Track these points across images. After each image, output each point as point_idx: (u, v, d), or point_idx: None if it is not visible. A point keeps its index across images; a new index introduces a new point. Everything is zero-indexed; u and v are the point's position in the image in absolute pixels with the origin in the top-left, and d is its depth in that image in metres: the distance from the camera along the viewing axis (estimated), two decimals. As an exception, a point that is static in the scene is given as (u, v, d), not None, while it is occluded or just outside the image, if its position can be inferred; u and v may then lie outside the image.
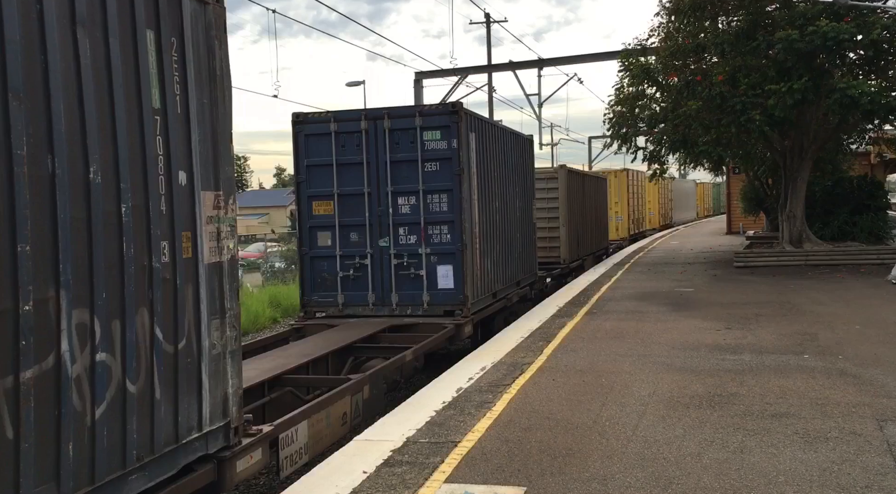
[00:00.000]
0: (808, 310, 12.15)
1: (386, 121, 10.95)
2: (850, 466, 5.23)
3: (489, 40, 35.80)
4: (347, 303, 11.19)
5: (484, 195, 11.90)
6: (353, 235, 11.16)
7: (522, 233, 14.58)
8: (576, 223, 20.75)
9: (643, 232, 37.16)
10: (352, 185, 11.12)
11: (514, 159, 14.02)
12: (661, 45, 19.92)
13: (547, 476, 5.22)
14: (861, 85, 16.53)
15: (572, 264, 20.33)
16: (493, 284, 12.38)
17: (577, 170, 23.01)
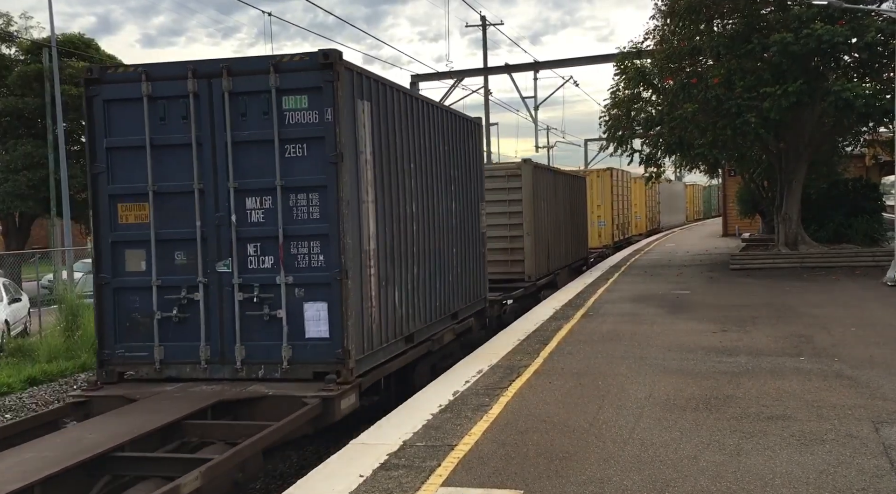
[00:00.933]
0: (803, 312, 12.17)
1: (226, 81, 7.30)
2: (846, 468, 5.24)
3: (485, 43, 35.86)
4: (169, 360, 7.52)
5: (388, 195, 8.31)
6: (179, 255, 7.54)
7: (462, 248, 11.08)
8: (545, 230, 17.16)
9: (629, 238, 33.40)
10: (176, 179, 7.48)
11: (447, 146, 10.44)
12: (656, 48, 19.98)
13: (544, 479, 5.22)
14: (856, 87, 16.60)
15: (540, 281, 16.67)
16: (405, 324, 8.76)
17: (547, 166, 19.51)
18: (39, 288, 17.88)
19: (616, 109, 20.86)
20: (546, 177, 17.74)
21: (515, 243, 15.97)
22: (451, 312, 10.51)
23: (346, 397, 7.06)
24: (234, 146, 7.38)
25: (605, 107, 21.35)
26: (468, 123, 11.86)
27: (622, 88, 20.80)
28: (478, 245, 11.99)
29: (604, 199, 28.55)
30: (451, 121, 10.90)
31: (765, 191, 26.55)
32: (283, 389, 7.03)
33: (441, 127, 10.30)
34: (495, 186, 15.18)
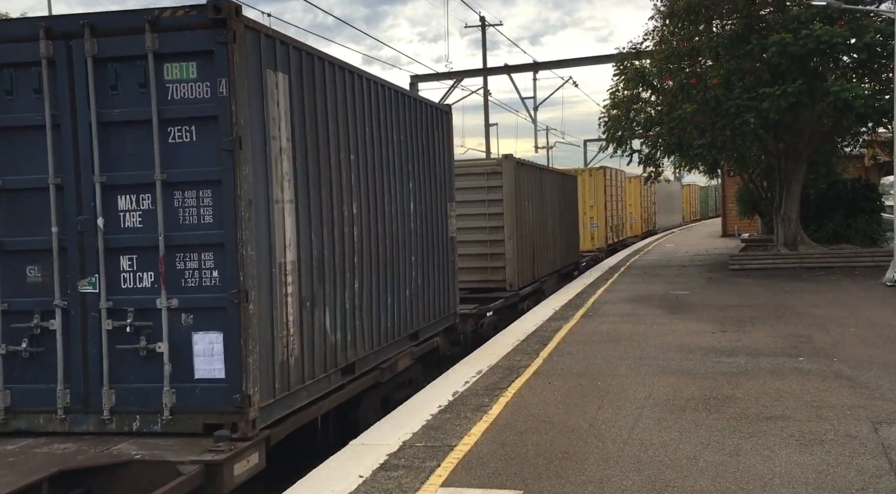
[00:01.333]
0: (802, 313, 12.18)
1: (89, 42, 5.65)
2: (846, 468, 5.25)
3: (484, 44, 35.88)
4: (17, 408, 5.81)
5: (315, 194, 6.64)
6: (31, 271, 5.88)
7: (424, 256, 9.47)
8: (530, 233, 15.80)
9: (624, 240, 31.70)
10: (26, 172, 5.84)
11: (404, 136, 8.82)
12: (655, 49, 20.00)
13: (543, 479, 5.22)
14: (855, 88, 16.62)
15: (524, 290, 15.19)
16: (341, 353, 7.07)
17: (532, 163, 17.39)
18: None
19: (615, 110, 20.87)
20: (531, 176, 16.16)
21: (495, 248, 14.39)
22: (409, 332, 8.84)
23: (242, 459, 5.29)
24: (102, 128, 5.65)
25: (605, 107, 21.35)
26: (434, 111, 10.04)
27: (621, 89, 20.80)
28: (446, 252, 10.31)
29: (597, 200, 26.90)
30: (411, 108, 9.09)
31: (764, 191, 26.57)
32: (159, 449, 5.28)
33: (396, 113, 8.59)
34: (473, 185, 13.96)
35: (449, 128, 10.75)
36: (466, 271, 13.04)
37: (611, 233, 28.45)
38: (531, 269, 15.93)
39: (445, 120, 10.60)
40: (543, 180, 17.44)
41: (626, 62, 20.50)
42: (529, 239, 15.77)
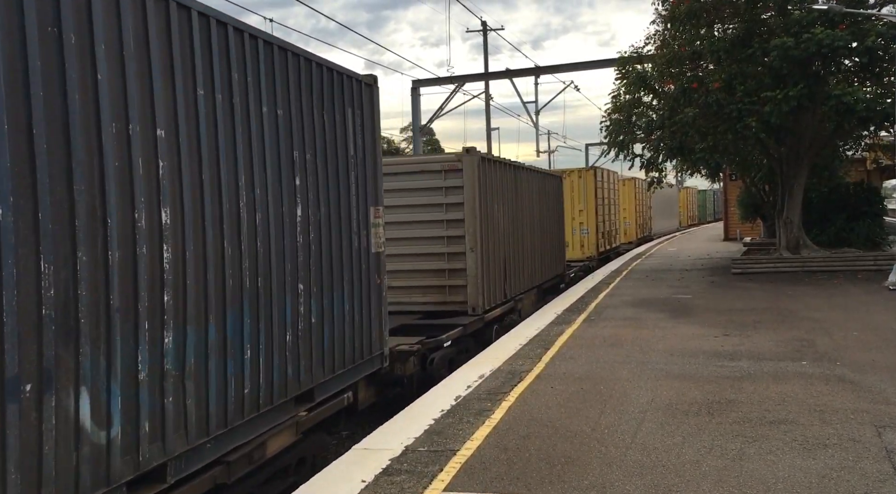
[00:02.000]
0: (805, 317, 12.17)
1: None
2: (849, 473, 5.24)
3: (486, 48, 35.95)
4: None
5: (81, 193, 4.15)
6: None
7: (326, 280, 6.88)
8: (500, 244, 13.18)
9: (616, 247, 29.34)
10: None
11: (282, 111, 6.27)
12: (657, 53, 20.02)
13: (546, 484, 5.22)
14: (856, 91, 16.63)
15: (492, 312, 12.57)
16: (121, 457, 4.30)
17: (504, 159, 14.47)
18: None
19: (617, 114, 20.88)
20: (502, 174, 13.47)
21: (455, 262, 11.87)
22: (295, 394, 6.29)
23: None
24: None
25: (606, 111, 21.37)
26: (345, 81, 7.40)
27: (623, 93, 20.82)
28: (365, 273, 7.76)
29: (586, 203, 24.69)
30: (300, 71, 6.55)
31: (766, 195, 26.56)
32: None
33: (268, 76, 6.02)
34: (427, 185, 11.85)
35: (373, 106, 8.09)
36: (417, 291, 11.39)
37: (602, 239, 26.13)
38: (502, 286, 13.24)
39: (367, 95, 7.94)
40: (519, 180, 14.81)
41: (628, 66, 20.53)
42: (500, 250, 13.15)
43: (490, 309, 12.50)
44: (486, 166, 12.48)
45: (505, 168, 13.93)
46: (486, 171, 12.44)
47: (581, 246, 24.76)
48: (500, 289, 13.16)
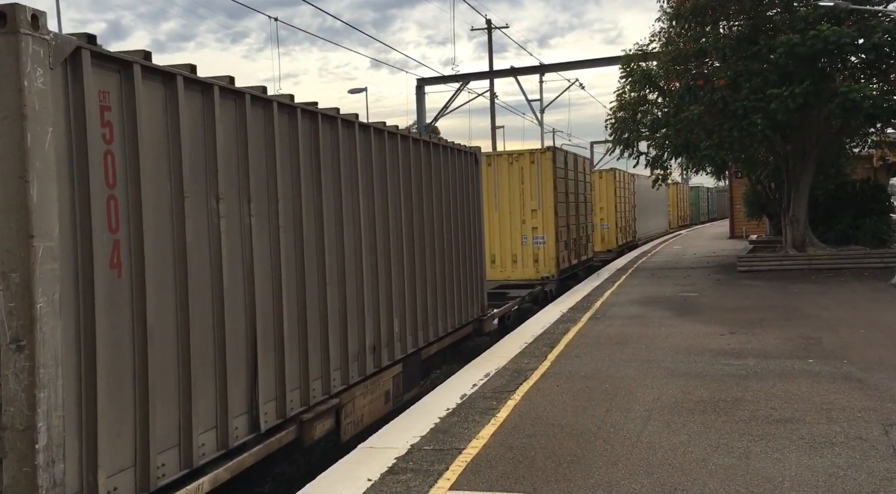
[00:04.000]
0: (812, 314, 12.13)
1: None
2: (856, 471, 5.22)
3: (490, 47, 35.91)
4: None
5: None
6: None
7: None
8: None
9: (587, 260, 21.46)
10: None
11: None
12: (662, 51, 19.96)
13: (552, 482, 5.21)
14: (863, 88, 16.55)
15: None
16: None
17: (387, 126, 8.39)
18: None
19: (622, 112, 20.84)
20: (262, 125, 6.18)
21: None
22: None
23: None
24: None
25: (611, 109, 21.33)
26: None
27: (628, 91, 20.78)
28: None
29: (543, 201, 17.28)
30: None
31: (772, 192, 26.48)
32: None
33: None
34: None
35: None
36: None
37: (566, 252, 18.38)
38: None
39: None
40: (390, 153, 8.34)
41: (633, 64, 20.48)
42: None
43: None
44: None
45: None
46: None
47: (534, 261, 17.27)
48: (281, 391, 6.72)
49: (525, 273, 17.35)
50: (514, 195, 17.46)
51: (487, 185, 16.77)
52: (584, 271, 20.86)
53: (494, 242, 17.20)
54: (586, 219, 21.37)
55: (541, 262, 17.40)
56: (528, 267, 17.44)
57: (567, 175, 18.74)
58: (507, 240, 17.48)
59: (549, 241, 17.45)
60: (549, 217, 17.45)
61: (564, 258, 18.23)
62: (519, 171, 17.47)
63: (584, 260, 20.89)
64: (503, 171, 17.48)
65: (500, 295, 14.85)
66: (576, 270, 19.76)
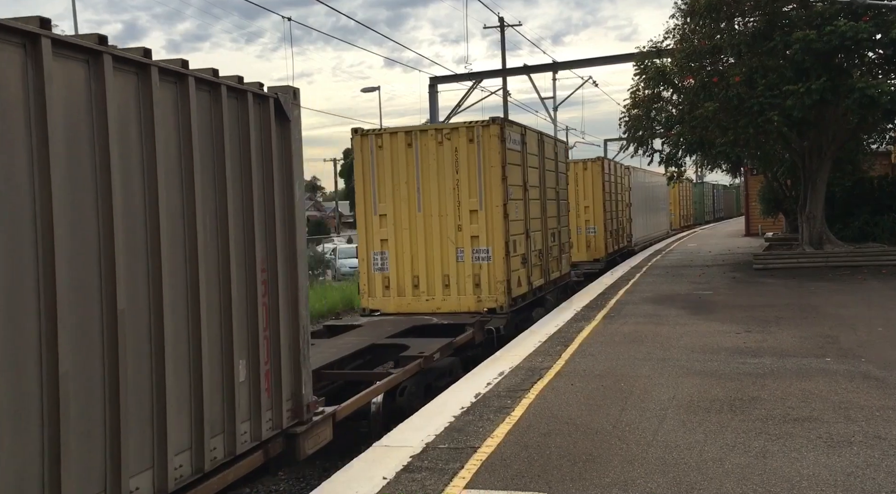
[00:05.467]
0: (829, 313, 12.03)
1: None
2: (875, 470, 5.17)
3: (503, 44, 35.85)
4: None
5: None
6: None
7: None
8: None
9: (559, 278, 15.73)
10: None
11: None
12: (676, 47, 19.85)
13: (567, 481, 5.21)
14: (881, 84, 16.39)
15: None
16: None
17: None
18: None
19: (636, 109, 20.76)
20: None
21: None
22: None
23: None
24: None
25: (625, 107, 21.25)
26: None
27: (642, 88, 20.69)
28: None
29: (488, 198, 11.85)
30: None
31: (788, 189, 26.28)
32: None
33: None
34: None
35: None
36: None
37: (522, 270, 12.72)
38: None
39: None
40: None
41: (647, 61, 20.38)
42: None
43: None
44: None
45: None
46: None
47: (474, 285, 11.89)
48: None
49: (461, 303, 11.82)
50: (445, 189, 11.92)
51: (395, 174, 12.01)
52: (554, 295, 15.12)
53: (418, 258, 11.98)
54: (559, 222, 15.73)
55: (484, 287, 11.80)
56: (465, 293, 11.91)
57: (526, 160, 13.10)
58: (436, 254, 11.99)
59: (497, 257, 11.76)
60: (496, 221, 11.77)
61: (521, 279, 12.63)
62: (452, 155, 11.88)
63: (553, 277, 15.03)
64: (429, 155, 11.90)
65: (421, 331, 10.83)
66: (543, 295, 14.13)
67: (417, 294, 12.05)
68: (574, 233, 20.21)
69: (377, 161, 12.10)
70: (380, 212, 12.13)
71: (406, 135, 12.06)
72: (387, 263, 12.17)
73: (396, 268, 12.13)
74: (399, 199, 12.08)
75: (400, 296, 12.12)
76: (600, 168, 22.37)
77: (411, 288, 12.05)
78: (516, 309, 12.38)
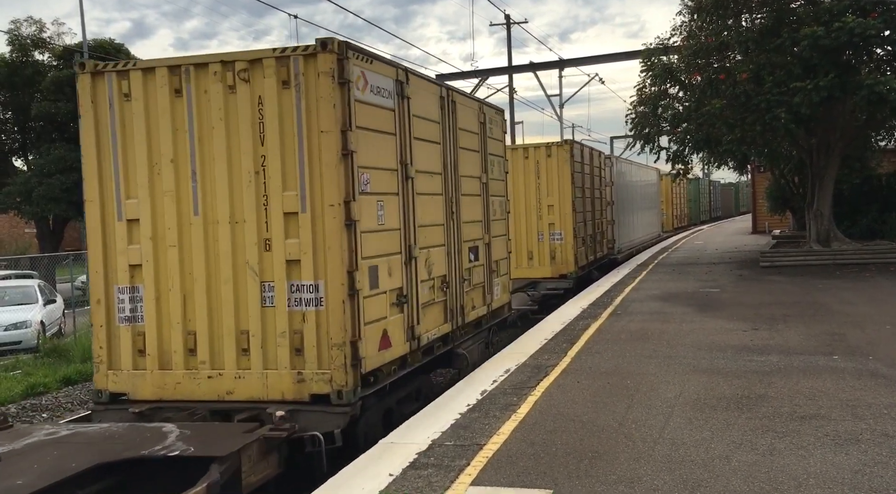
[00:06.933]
0: (836, 310, 11.98)
1: None
2: (883, 468, 5.15)
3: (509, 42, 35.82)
4: None
5: None
6: None
7: None
8: None
9: (496, 314, 10.75)
10: None
11: None
12: (683, 44, 19.80)
13: (573, 478, 5.20)
14: (889, 81, 16.30)
15: None
16: None
17: None
18: (73, 289, 18.29)
19: (642, 106, 20.71)
20: None
21: None
22: None
23: None
24: None
25: (632, 104, 21.19)
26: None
27: (649, 85, 20.64)
28: None
29: (315, 204, 6.59)
30: None
31: (795, 187, 26.18)
32: None
33: None
34: None
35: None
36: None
37: (393, 320, 7.31)
38: None
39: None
40: None
41: (654, 58, 20.33)
42: None
43: None
44: None
45: None
46: None
47: (292, 351, 6.68)
48: None
49: (270, 383, 6.74)
50: (241, 173, 6.91)
51: (155, 146, 7.07)
52: (484, 340, 10.35)
53: (194, 299, 7.02)
54: (487, 229, 10.46)
55: (308, 356, 6.66)
56: (277, 365, 6.79)
57: (409, 127, 7.93)
58: (226, 293, 6.93)
59: (332, 297, 6.60)
60: (329, 231, 6.62)
61: (392, 334, 7.34)
62: (254, 110, 6.88)
63: (482, 315, 10.13)
64: (213, 110, 6.96)
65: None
66: (450, 349, 8.95)
67: (193, 365, 6.90)
68: (534, 241, 16.51)
69: (121, 121, 7.00)
70: (128, 215, 7.02)
71: (171, 74, 6.85)
72: (140, 309, 7.02)
73: (157, 318, 6.96)
74: (161, 193, 6.92)
75: (163, 370, 6.91)
76: (569, 154, 16.66)
77: (183, 354, 6.91)
78: (378, 391, 7.05)
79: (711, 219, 56.82)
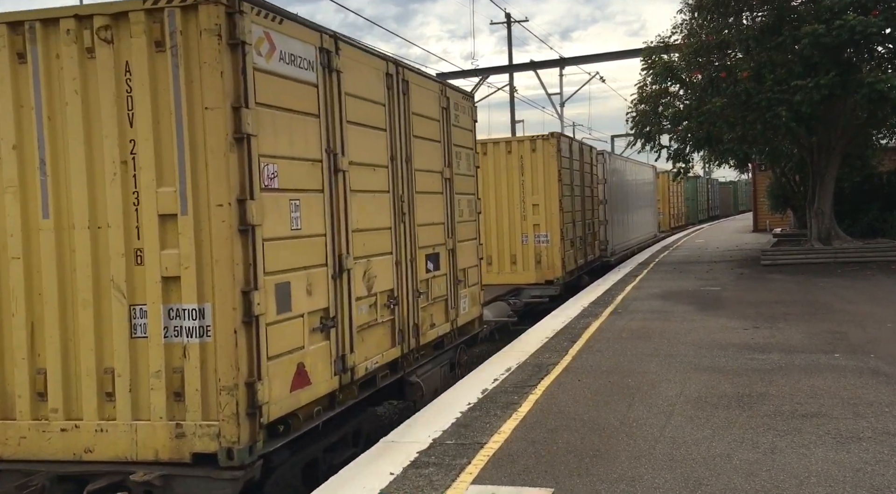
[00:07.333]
0: (837, 309, 11.97)
1: None
2: (884, 467, 5.15)
3: (510, 40, 35.81)
4: None
5: None
6: None
7: None
8: None
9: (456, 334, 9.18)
10: None
11: None
12: (684, 43, 19.77)
13: (574, 477, 5.20)
14: (890, 79, 16.28)
15: None
16: None
17: None
18: None
19: (643, 105, 20.68)
20: None
21: None
22: None
23: None
24: None
25: (633, 102, 21.17)
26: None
27: (649, 83, 20.62)
28: None
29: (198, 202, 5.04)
30: None
31: (796, 185, 26.16)
32: None
33: None
34: None
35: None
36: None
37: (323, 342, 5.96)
38: None
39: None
40: None
41: (654, 56, 20.31)
42: None
43: None
44: None
45: None
46: None
47: (167, 413, 5.08)
48: None
49: (145, 445, 5.15)
50: (104, 163, 5.31)
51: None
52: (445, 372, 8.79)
53: (43, 335, 5.37)
54: (451, 233, 9.09)
55: (188, 401, 5.08)
56: (152, 434, 5.15)
57: (343, 107, 6.52)
58: (85, 329, 5.28)
59: (222, 335, 5.00)
60: (217, 239, 5.02)
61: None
62: (118, 81, 5.24)
63: (442, 334, 8.71)
64: (66, 80, 5.31)
65: None
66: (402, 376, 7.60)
67: (43, 414, 5.31)
68: (518, 244, 15.32)
69: None
70: None
71: (12, 33, 5.30)
72: None
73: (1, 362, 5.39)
74: (0, 189, 5.39)
75: (4, 420, 5.36)
76: (555, 149, 15.38)
77: (30, 399, 5.32)
78: (294, 441, 5.68)
79: (710, 218, 56.67)
